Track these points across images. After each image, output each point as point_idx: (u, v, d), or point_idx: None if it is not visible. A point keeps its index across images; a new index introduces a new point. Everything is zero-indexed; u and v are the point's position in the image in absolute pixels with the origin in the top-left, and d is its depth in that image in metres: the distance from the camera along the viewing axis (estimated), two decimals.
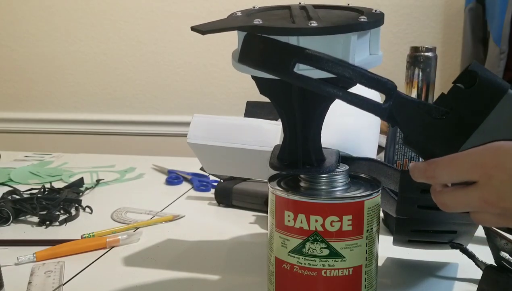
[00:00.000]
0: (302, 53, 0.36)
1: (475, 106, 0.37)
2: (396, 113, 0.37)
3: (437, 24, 1.47)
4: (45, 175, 1.01)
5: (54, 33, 1.66)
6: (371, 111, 0.38)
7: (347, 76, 0.36)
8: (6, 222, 0.72)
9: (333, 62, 0.36)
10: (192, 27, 0.38)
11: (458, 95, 0.37)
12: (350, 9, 0.43)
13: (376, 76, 0.37)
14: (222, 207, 0.82)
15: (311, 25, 0.36)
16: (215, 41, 1.52)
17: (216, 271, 0.58)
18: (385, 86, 0.37)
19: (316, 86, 0.37)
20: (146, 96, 1.65)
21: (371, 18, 0.39)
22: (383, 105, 0.37)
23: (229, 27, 0.38)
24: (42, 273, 0.56)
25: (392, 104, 0.37)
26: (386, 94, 0.37)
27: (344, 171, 0.45)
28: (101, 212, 0.79)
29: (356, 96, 0.37)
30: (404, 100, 0.37)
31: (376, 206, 0.44)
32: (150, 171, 1.07)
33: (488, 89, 0.36)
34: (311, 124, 0.43)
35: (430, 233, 0.53)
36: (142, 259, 0.61)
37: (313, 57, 0.36)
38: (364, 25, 0.38)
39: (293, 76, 0.37)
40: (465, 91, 0.37)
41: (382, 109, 0.37)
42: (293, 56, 0.36)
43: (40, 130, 1.72)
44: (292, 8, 0.43)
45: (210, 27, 0.38)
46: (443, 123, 0.37)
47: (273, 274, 0.46)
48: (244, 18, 0.40)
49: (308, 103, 0.41)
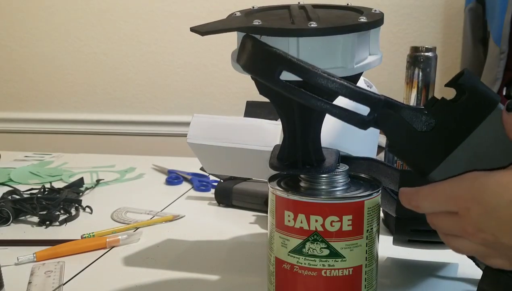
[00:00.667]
0: (287, 62, 0.36)
1: (462, 120, 0.36)
2: (382, 124, 0.37)
3: (437, 24, 1.47)
4: (45, 175, 1.01)
5: (54, 33, 1.66)
6: (352, 123, 0.37)
7: (332, 89, 0.36)
8: (6, 222, 0.72)
9: (318, 75, 0.35)
10: (191, 28, 0.37)
11: (445, 107, 0.36)
12: (350, 8, 0.42)
13: (361, 91, 0.36)
14: (222, 207, 0.82)
15: (311, 26, 0.36)
16: (215, 41, 1.52)
17: (216, 271, 0.58)
18: (370, 100, 0.36)
19: (301, 96, 0.36)
20: (146, 96, 1.65)
21: (370, 18, 0.38)
22: (367, 118, 0.37)
23: (228, 28, 0.38)
24: (42, 273, 0.56)
25: (377, 116, 0.37)
26: (370, 108, 0.36)
27: (344, 171, 0.45)
28: (101, 212, 0.79)
29: (340, 109, 0.37)
30: (389, 113, 0.37)
31: (376, 206, 0.44)
32: (150, 171, 1.07)
33: (477, 103, 0.36)
34: (311, 124, 0.43)
35: (430, 232, 0.52)
36: (142, 259, 0.61)
37: (297, 67, 0.35)
38: (363, 25, 0.38)
39: (278, 84, 0.36)
40: (453, 104, 0.36)
41: (365, 122, 0.37)
42: (279, 63, 0.36)
43: (40, 130, 1.72)
44: (291, 8, 0.43)
45: (209, 28, 0.37)
46: (428, 136, 0.37)
47: (273, 274, 0.45)
48: (243, 19, 0.40)
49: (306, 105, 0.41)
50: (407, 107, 0.37)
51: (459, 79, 0.36)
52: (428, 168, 0.37)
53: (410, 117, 0.37)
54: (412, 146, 0.37)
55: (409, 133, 0.37)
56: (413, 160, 0.38)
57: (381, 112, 0.37)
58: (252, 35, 0.37)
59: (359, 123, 0.37)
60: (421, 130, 0.37)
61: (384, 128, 0.37)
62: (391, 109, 0.37)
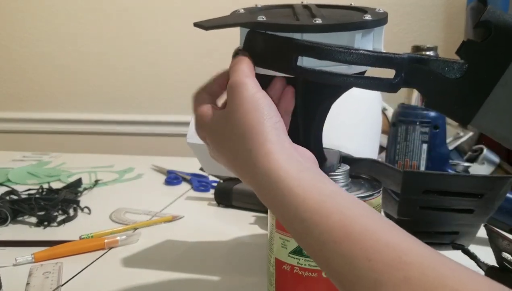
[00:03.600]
0: (302, 46, 0.36)
1: (493, 58, 0.34)
2: (412, 81, 0.36)
3: (438, 23, 1.46)
4: (43, 175, 1.01)
5: (54, 33, 1.65)
6: (381, 90, 0.37)
7: (353, 61, 0.35)
8: (4, 222, 0.72)
9: (335, 50, 0.35)
10: (195, 23, 0.37)
11: (474, 49, 0.35)
12: (353, 8, 0.42)
13: (382, 54, 0.36)
14: (221, 207, 0.82)
15: (316, 22, 0.36)
16: (215, 41, 1.52)
17: (215, 272, 0.58)
18: (392, 62, 0.36)
19: (323, 76, 0.36)
20: (145, 96, 1.65)
21: (375, 16, 0.38)
22: (394, 80, 0.36)
23: (232, 23, 0.38)
24: (40, 274, 0.56)
25: (405, 75, 0.36)
26: (395, 69, 0.36)
27: (345, 171, 0.45)
28: (99, 212, 0.78)
29: (365, 78, 0.37)
30: (417, 67, 0.36)
31: (377, 207, 0.44)
32: (149, 171, 1.06)
33: (506, 38, 0.34)
34: (313, 124, 0.43)
35: (432, 234, 0.52)
36: (141, 259, 0.61)
37: (314, 49, 0.35)
38: (368, 23, 0.38)
39: (296, 70, 0.36)
40: (480, 45, 0.35)
41: (394, 85, 0.36)
42: (295, 50, 0.36)
43: (39, 130, 1.72)
44: (295, 7, 0.43)
45: (213, 23, 0.37)
46: (462, 82, 0.35)
47: (273, 275, 0.45)
48: (247, 15, 0.40)
49: (310, 102, 0.41)
50: (433, 58, 0.36)
51: (482, 16, 0.34)
52: (468, 115, 0.36)
53: (439, 67, 0.36)
54: (447, 96, 0.36)
55: (441, 83, 0.36)
56: (451, 109, 0.37)
57: (408, 69, 0.36)
58: (258, 30, 0.37)
59: (388, 87, 0.36)
60: (453, 77, 0.36)
61: (416, 84, 0.37)
62: (418, 64, 0.36)
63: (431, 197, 0.47)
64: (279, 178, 0.32)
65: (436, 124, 0.65)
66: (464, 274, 0.25)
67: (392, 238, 0.27)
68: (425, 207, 0.48)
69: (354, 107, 0.63)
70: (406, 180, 0.47)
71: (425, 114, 0.65)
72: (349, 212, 0.29)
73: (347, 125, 0.60)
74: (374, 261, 0.26)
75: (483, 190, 0.46)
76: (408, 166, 0.66)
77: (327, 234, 0.28)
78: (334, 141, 0.53)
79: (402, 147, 0.66)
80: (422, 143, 0.65)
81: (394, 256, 0.25)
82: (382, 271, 0.25)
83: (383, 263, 0.25)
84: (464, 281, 0.24)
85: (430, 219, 0.50)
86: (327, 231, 0.28)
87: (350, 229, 0.27)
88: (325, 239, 0.28)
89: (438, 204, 0.48)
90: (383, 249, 0.26)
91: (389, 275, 0.25)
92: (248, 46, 0.39)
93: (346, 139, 0.58)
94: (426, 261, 0.25)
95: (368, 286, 0.25)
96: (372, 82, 0.37)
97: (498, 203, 0.47)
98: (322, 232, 0.28)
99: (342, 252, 0.27)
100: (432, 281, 0.24)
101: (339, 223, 0.28)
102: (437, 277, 0.24)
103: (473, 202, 0.47)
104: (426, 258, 0.25)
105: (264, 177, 0.33)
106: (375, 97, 0.67)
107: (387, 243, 0.26)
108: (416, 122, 0.65)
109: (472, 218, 0.49)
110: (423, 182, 0.47)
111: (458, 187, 0.47)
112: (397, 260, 0.25)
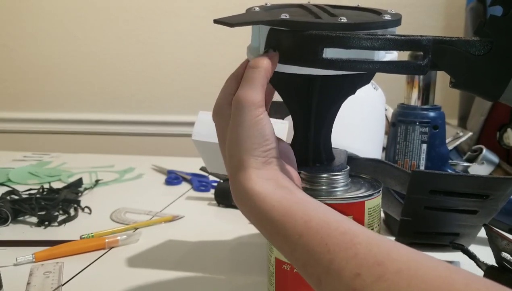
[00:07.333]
0: (329, 37, 0.36)
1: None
2: (439, 62, 0.36)
3: (438, 23, 1.46)
4: (44, 175, 1.01)
5: (54, 33, 1.65)
6: (411, 73, 0.37)
7: (379, 47, 0.36)
8: (4, 222, 0.72)
9: (362, 37, 0.36)
10: (215, 20, 0.37)
11: (496, 25, 0.35)
12: (363, 9, 0.43)
13: (408, 38, 0.36)
14: (222, 207, 0.82)
15: (341, 21, 0.36)
16: (215, 41, 1.52)
17: (215, 271, 0.58)
18: (419, 44, 0.36)
19: (351, 65, 0.37)
20: (146, 96, 1.65)
21: (394, 17, 0.39)
22: (422, 62, 0.36)
23: (256, 20, 0.38)
24: (41, 274, 0.56)
25: (431, 56, 0.36)
26: (423, 51, 0.36)
27: (345, 171, 0.45)
28: (100, 212, 0.78)
29: (393, 63, 0.37)
30: (443, 47, 0.36)
31: (376, 207, 0.44)
32: (150, 171, 1.07)
33: None
34: (324, 122, 0.43)
35: (433, 235, 0.52)
36: (141, 259, 0.61)
37: (342, 38, 0.36)
38: (390, 23, 0.38)
39: (323, 63, 0.37)
40: (504, 19, 0.35)
41: (422, 67, 0.37)
42: (320, 42, 0.36)
43: (39, 130, 1.71)
44: (307, 6, 0.43)
45: (238, 20, 0.37)
46: (489, 58, 0.36)
47: (273, 274, 0.45)
48: (266, 13, 0.40)
49: (325, 101, 0.42)
50: (455, 39, 0.36)
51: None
52: (498, 90, 0.36)
53: (465, 46, 0.36)
54: (475, 73, 0.36)
55: (468, 61, 0.36)
56: (480, 86, 0.37)
57: (435, 50, 0.36)
58: (280, 28, 0.38)
59: (416, 70, 0.37)
60: (480, 54, 0.36)
61: (443, 65, 0.37)
62: (443, 44, 0.36)
63: (437, 197, 0.47)
64: (256, 197, 0.36)
65: (435, 125, 0.65)
66: (404, 250, 0.29)
67: (348, 227, 0.31)
68: (429, 207, 0.48)
69: (359, 108, 0.63)
70: (414, 179, 0.47)
71: (424, 115, 0.65)
72: (312, 212, 0.33)
73: (351, 125, 0.61)
74: (330, 245, 0.30)
75: (489, 191, 0.46)
76: (408, 166, 0.66)
77: (291, 230, 0.32)
78: (339, 141, 0.53)
79: (402, 147, 0.66)
80: (421, 144, 0.65)
81: (346, 239, 0.30)
82: (336, 251, 0.30)
83: (337, 245, 0.30)
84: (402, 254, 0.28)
85: (434, 220, 0.49)
86: (291, 227, 0.33)
87: (310, 224, 0.32)
88: (290, 234, 0.32)
89: (443, 205, 0.47)
90: (338, 236, 0.30)
91: (342, 254, 0.29)
92: (270, 44, 0.39)
93: (351, 139, 0.58)
94: (373, 240, 0.30)
95: (324, 265, 0.30)
96: (400, 66, 0.37)
97: (502, 204, 0.47)
98: (287, 229, 0.33)
99: (304, 243, 0.31)
100: (377, 254, 0.28)
101: (302, 220, 0.32)
102: (381, 251, 0.28)
103: (478, 202, 0.47)
104: (374, 239, 0.30)
105: (243, 191, 0.37)
106: (379, 98, 0.67)
107: (343, 232, 0.31)
108: (415, 123, 0.65)
109: (475, 219, 0.49)
110: (431, 181, 0.47)
111: (465, 188, 0.46)
112: (349, 242, 0.30)
